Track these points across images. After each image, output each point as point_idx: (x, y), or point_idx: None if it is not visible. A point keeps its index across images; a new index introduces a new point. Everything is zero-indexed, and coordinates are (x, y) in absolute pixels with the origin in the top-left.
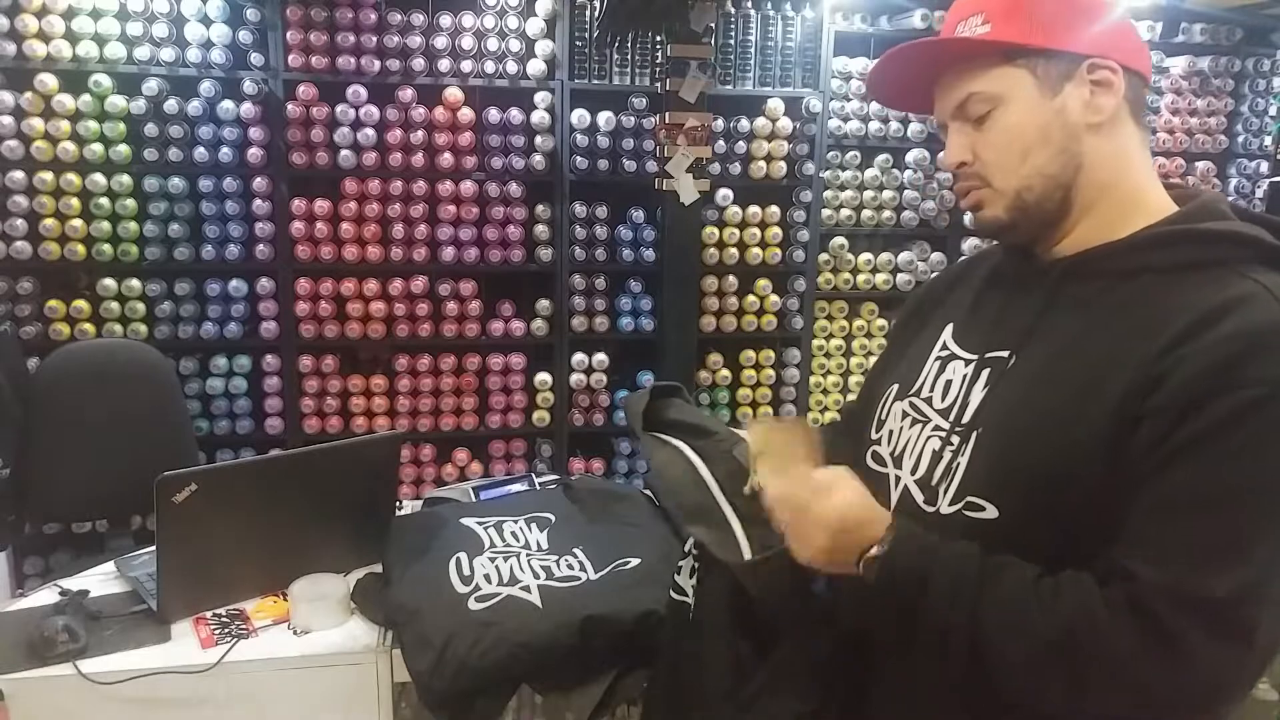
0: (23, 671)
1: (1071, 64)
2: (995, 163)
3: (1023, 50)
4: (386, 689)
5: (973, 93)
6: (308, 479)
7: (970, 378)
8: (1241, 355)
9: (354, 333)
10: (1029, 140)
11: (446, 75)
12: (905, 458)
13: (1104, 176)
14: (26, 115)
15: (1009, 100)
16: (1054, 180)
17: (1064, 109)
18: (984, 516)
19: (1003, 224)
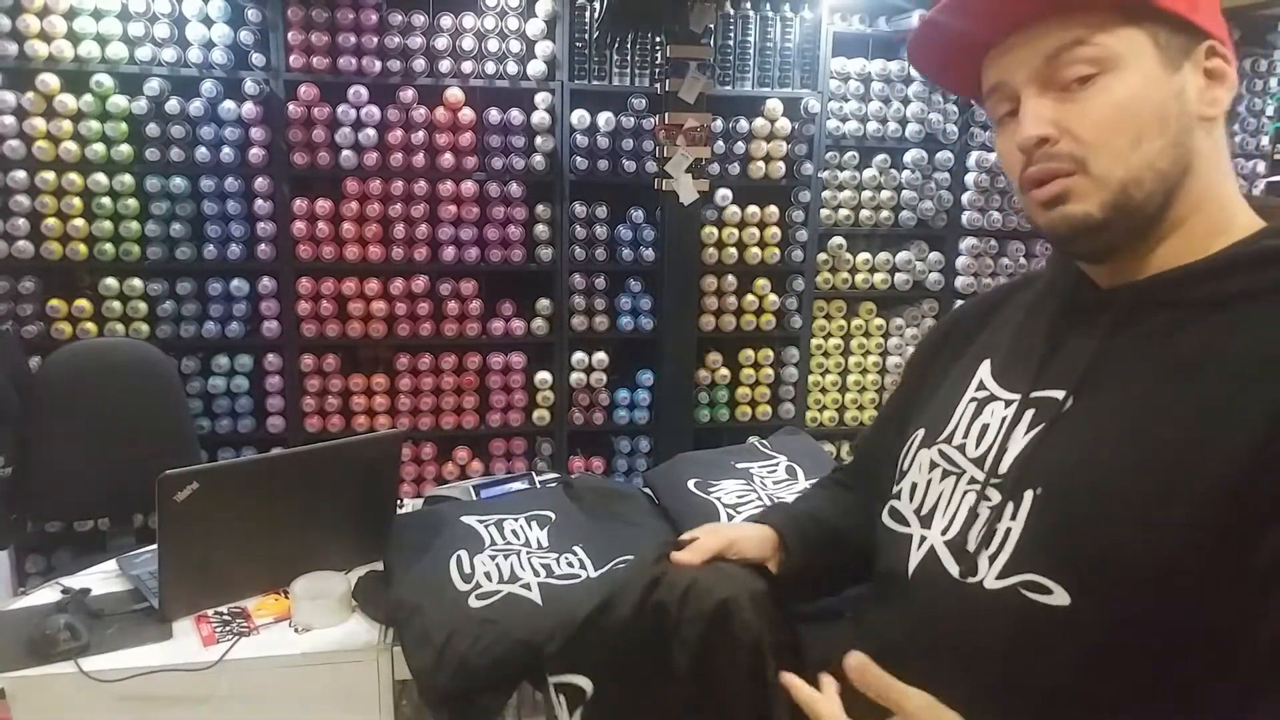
0: (24, 670)
1: (1191, 41)
2: (1099, 142)
3: (1148, 8)
4: (387, 686)
5: (1079, 40)
6: (309, 477)
7: (1010, 420)
8: None
9: (355, 332)
10: (1145, 121)
11: (447, 76)
12: (937, 516)
13: (1206, 184)
14: (28, 115)
15: (1125, 66)
16: (1163, 178)
17: (1183, 92)
18: (1049, 602)
19: (1094, 224)
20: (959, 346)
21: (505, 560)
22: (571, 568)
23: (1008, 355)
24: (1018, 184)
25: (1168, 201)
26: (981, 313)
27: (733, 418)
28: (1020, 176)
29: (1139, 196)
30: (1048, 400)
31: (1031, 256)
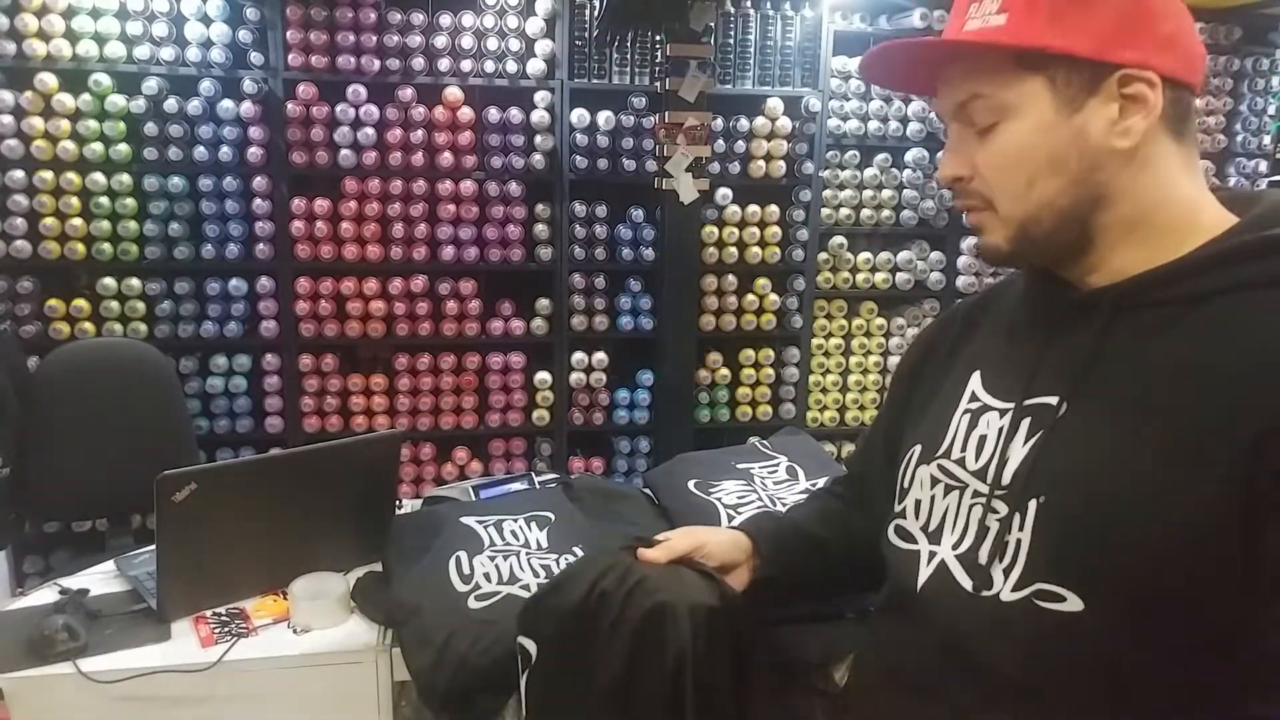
0: (22, 670)
1: (1099, 74)
2: (998, 185)
3: (1040, 54)
4: (386, 688)
5: (977, 94)
6: (308, 478)
7: (1008, 430)
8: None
9: (354, 332)
10: (1037, 166)
11: (446, 75)
12: (945, 532)
13: (1133, 210)
14: (26, 114)
15: (1018, 114)
16: (1067, 214)
17: (1084, 131)
18: (1063, 609)
19: (1004, 254)
20: (946, 358)
21: (505, 561)
22: None
23: (997, 364)
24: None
25: (1084, 229)
26: (964, 322)
27: (733, 418)
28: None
29: (1038, 233)
30: (1042, 407)
31: None
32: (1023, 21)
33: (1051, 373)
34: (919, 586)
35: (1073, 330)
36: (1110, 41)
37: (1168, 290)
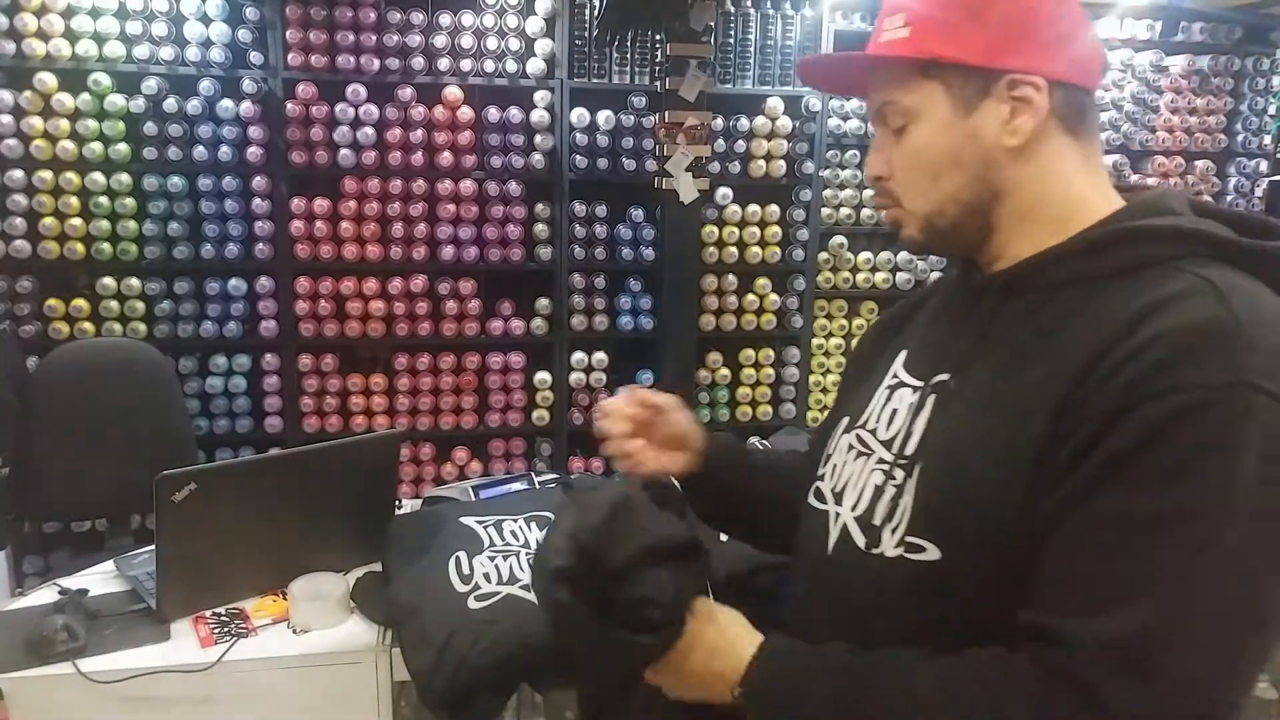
0: (22, 670)
1: (990, 80)
2: (906, 182)
3: (936, 63)
4: (386, 688)
5: (887, 102)
6: (307, 478)
7: (916, 406)
8: (1174, 355)
9: (353, 332)
10: (938, 163)
11: (446, 74)
12: (848, 494)
13: (1026, 201)
14: (25, 114)
15: (920, 117)
16: (968, 207)
17: (979, 131)
18: (924, 559)
19: (918, 244)
20: (888, 341)
21: (504, 561)
22: None
23: (918, 345)
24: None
25: (985, 220)
26: (906, 310)
27: (733, 418)
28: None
29: (943, 224)
30: (941, 384)
31: None
32: (921, 34)
33: (951, 352)
34: (829, 548)
35: (971, 313)
36: (998, 50)
37: (1036, 278)
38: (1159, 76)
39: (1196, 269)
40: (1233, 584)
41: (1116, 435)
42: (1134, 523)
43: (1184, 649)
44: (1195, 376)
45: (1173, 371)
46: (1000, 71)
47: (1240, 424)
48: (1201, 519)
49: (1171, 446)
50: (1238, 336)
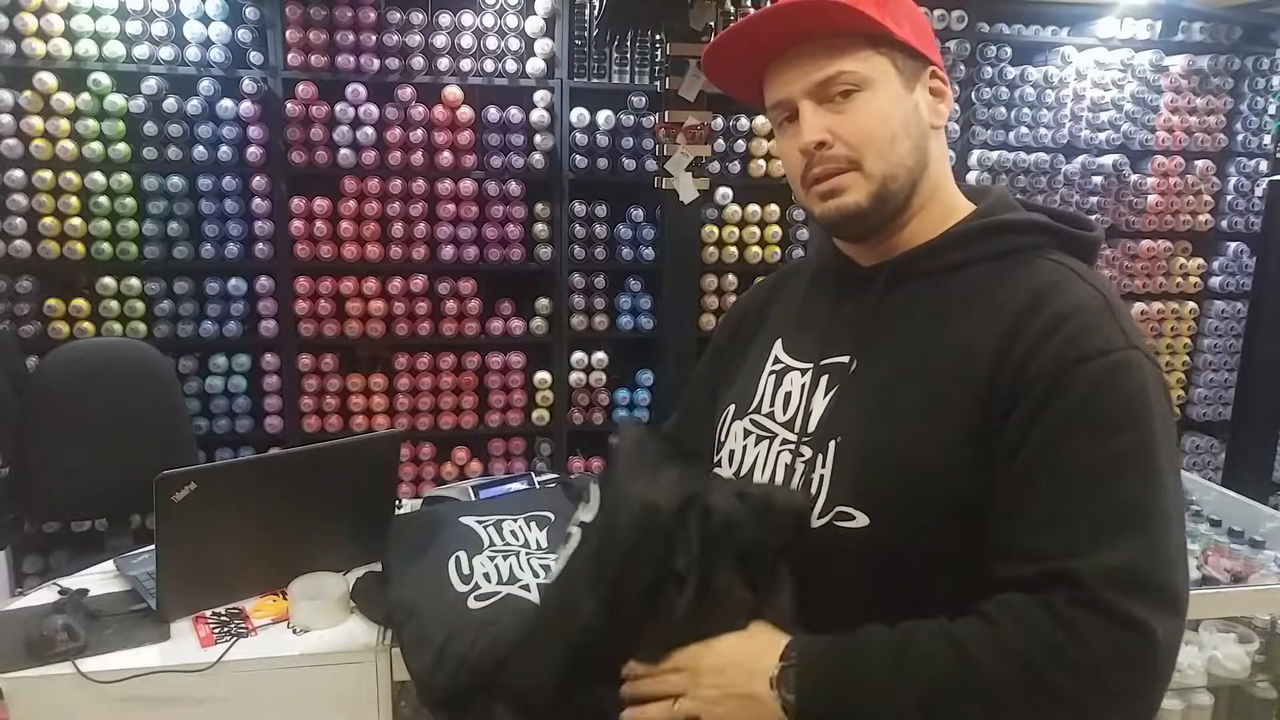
0: (22, 670)
1: (920, 67)
2: (866, 144)
3: (889, 39)
4: (386, 688)
5: (842, 71)
6: (307, 478)
7: (809, 387)
8: (1086, 327)
9: (353, 331)
10: (895, 127)
11: (446, 74)
12: (755, 475)
13: (934, 178)
14: (25, 114)
15: (877, 85)
16: (910, 173)
17: (918, 106)
18: (854, 525)
19: (862, 210)
20: (752, 329)
21: (504, 561)
22: None
23: (795, 331)
24: (799, 181)
25: (912, 191)
26: (764, 298)
27: None
28: (803, 175)
29: (894, 187)
30: (837, 365)
31: None
32: (876, 9)
33: (842, 336)
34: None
35: (857, 299)
36: (923, 43)
37: (929, 263)
38: (1159, 76)
39: (1049, 256)
40: (1175, 497)
41: (1063, 395)
42: (1101, 464)
43: (1167, 558)
44: (1110, 341)
45: (1091, 339)
46: (927, 61)
47: (1142, 373)
48: (1150, 450)
49: (1113, 397)
50: (1111, 310)
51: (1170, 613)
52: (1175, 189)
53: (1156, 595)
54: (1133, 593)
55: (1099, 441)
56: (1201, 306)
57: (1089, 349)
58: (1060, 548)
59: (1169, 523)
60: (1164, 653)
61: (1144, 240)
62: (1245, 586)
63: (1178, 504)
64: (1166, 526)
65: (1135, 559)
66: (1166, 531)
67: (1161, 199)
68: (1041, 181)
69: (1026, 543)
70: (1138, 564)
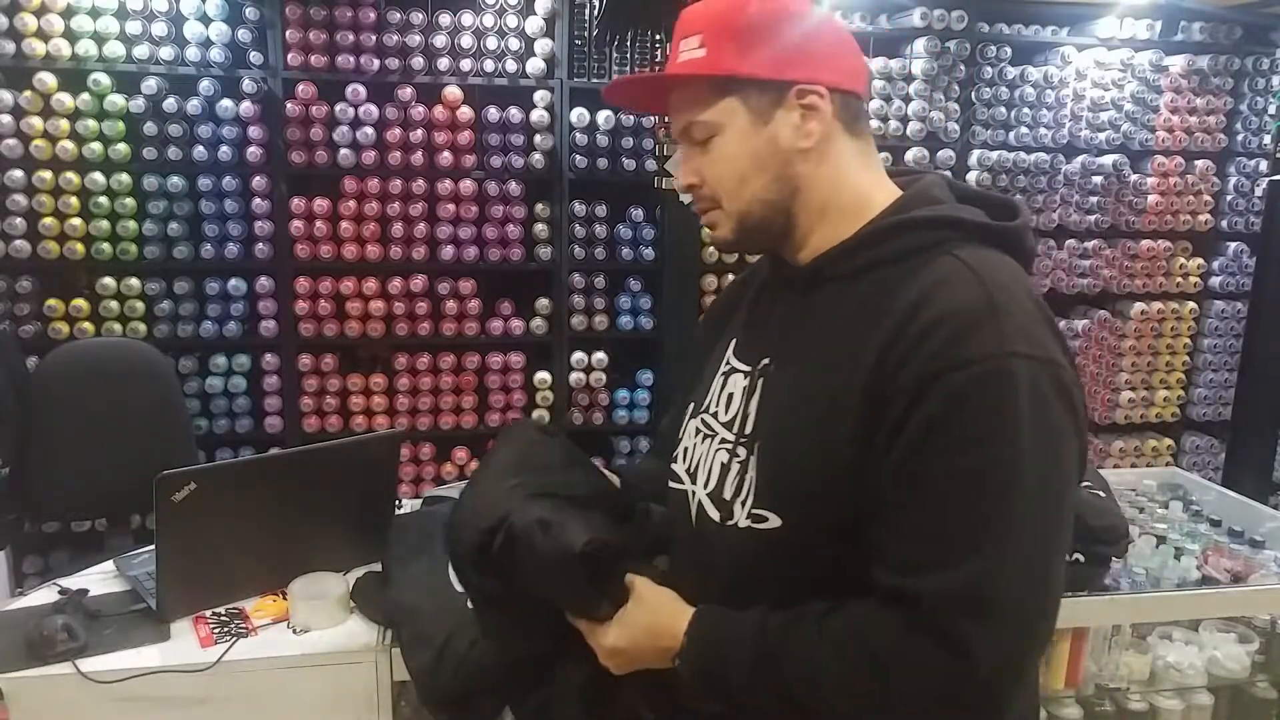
0: (22, 670)
1: (781, 91)
2: (720, 186)
3: (734, 80)
4: (386, 688)
5: (692, 121)
6: (307, 478)
7: (748, 390)
8: (957, 334)
9: (353, 331)
10: (745, 168)
11: (445, 74)
12: (699, 473)
13: (821, 195)
14: (25, 114)
15: (725, 129)
16: (773, 204)
17: (775, 137)
18: (768, 527)
19: (730, 243)
20: (720, 328)
21: None
22: None
23: (743, 332)
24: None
25: (788, 216)
26: (732, 298)
27: None
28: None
29: (752, 222)
30: (765, 368)
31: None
32: (717, 53)
33: (769, 337)
34: (693, 523)
35: (784, 301)
36: (785, 64)
37: (837, 266)
38: (1159, 76)
39: (955, 250)
40: (1039, 516)
41: (926, 404)
42: (953, 481)
43: (1015, 581)
44: (980, 349)
45: (960, 347)
46: (789, 83)
47: (1014, 383)
48: (1009, 466)
49: (973, 411)
50: (995, 312)
51: (1009, 631)
52: (1175, 189)
53: (992, 614)
54: (966, 614)
55: (952, 458)
56: (1201, 306)
57: (955, 359)
58: (908, 563)
59: (1021, 540)
60: (988, 671)
61: (1144, 240)
62: (1245, 586)
63: (1045, 518)
64: (1017, 544)
65: (973, 579)
66: (1016, 549)
67: (1161, 199)
68: (1041, 181)
69: (888, 550)
70: (975, 584)
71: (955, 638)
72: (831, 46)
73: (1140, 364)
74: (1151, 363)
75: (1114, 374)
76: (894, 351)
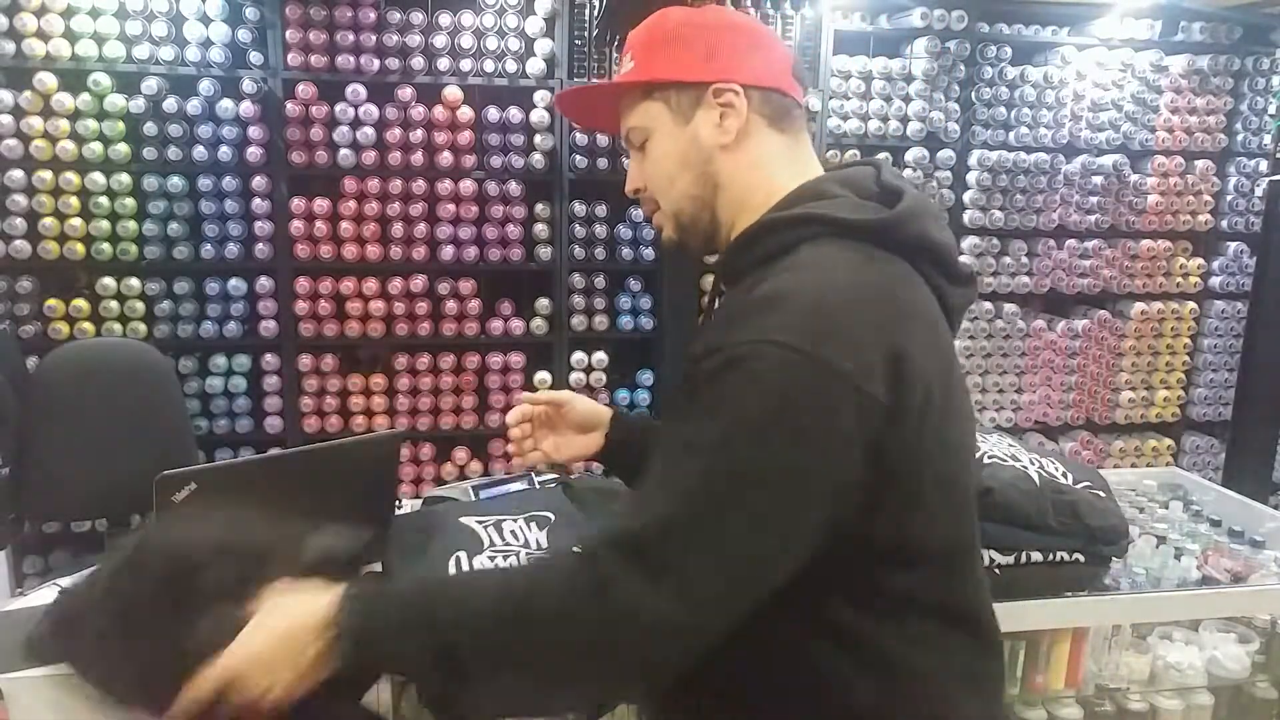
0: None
1: (699, 92)
2: (654, 189)
3: (656, 85)
4: (386, 688)
5: (630, 128)
6: (307, 478)
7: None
8: (729, 322)
9: (353, 332)
10: (672, 167)
11: (446, 74)
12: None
13: (740, 190)
14: (25, 114)
15: (653, 132)
16: (699, 200)
17: (696, 135)
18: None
19: (675, 241)
20: None
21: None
22: None
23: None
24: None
25: (713, 214)
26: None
27: None
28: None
29: (686, 219)
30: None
31: (1033, 255)
32: (644, 65)
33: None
34: None
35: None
36: (701, 67)
37: (732, 265)
38: (1159, 76)
39: (812, 247)
40: (736, 496)
41: (685, 383)
42: (671, 448)
43: (688, 547)
44: (739, 336)
45: (728, 333)
46: (705, 83)
47: (756, 368)
48: (717, 445)
49: (709, 391)
50: (775, 303)
51: (646, 577)
52: (1175, 189)
53: (639, 560)
54: (625, 562)
55: (680, 426)
56: (1201, 306)
57: (717, 343)
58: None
59: (705, 510)
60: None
61: (1144, 240)
62: (1245, 586)
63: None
64: (701, 512)
65: (639, 529)
66: (699, 516)
67: (1161, 199)
68: (1041, 181)
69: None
70: (639, 534)
71: (604, 578)
72: (750, 48)
73: (1140, 364)
74: (1151, 363)
75: (1114, 374)
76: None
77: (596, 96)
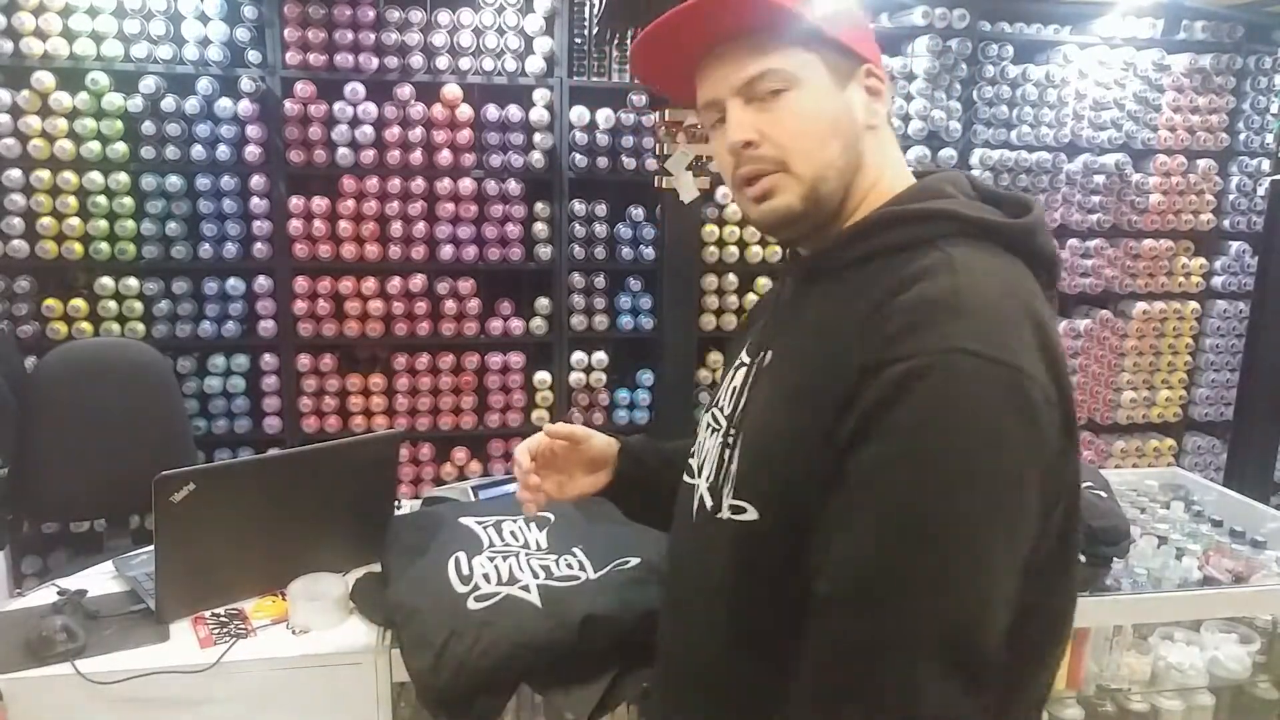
0: (21, 671)
1: (853, 65)
2: (793, 146)
3: (819, 36)
4: (385, 689)
5: (770, 69)
6: (306, 478)
7: (746, 381)
8: (905, 327)
9: (352, 331)
10: (825, 128)
11: (445, 72)
12: (705, 466)
13: (873, 179)
14: (23, 113)
15: (805, 83)
16: (842, 174)
17: (851, 104)
18: (746, 519)
19: (795, 213)
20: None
21: (504, 562)
22: (571, 569)
23: (759, 328)
24: (731, 183)
25: (846, 193)
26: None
27: None
28: (733, 176)
29: (825, 190)
30: (763, 359)
31: None
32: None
33: (772, 331)
34: (694, 516)
35: (794, 293)
36: (857, 41)
37: (838, 257)
38: (1161, 75)
39: (948, 246)
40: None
41: (864, 396)
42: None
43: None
44: (920, 343)
45: (906, 340)
46: (860, 59)
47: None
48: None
49: (903, 405)
50: (954, 308)
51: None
52: (1177, 188)
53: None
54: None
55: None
56: (1203, 306)
57: (897, 352)
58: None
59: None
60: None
61: (1146, 240)
62: (1246, 587)
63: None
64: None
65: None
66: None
67: (1163, 198)
68: (1043, 181)
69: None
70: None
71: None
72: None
73: (1142, 364)
74: (1153, 363)
75: (1116, 374)
76: (858, 343)
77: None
